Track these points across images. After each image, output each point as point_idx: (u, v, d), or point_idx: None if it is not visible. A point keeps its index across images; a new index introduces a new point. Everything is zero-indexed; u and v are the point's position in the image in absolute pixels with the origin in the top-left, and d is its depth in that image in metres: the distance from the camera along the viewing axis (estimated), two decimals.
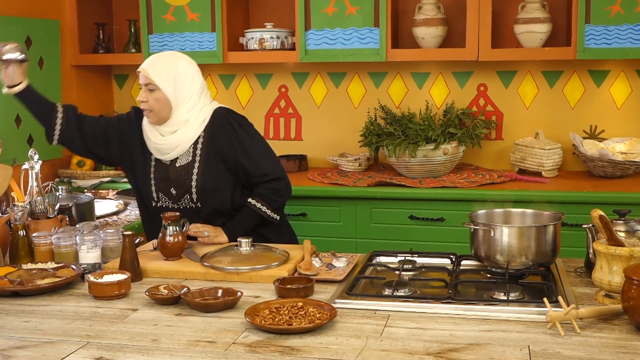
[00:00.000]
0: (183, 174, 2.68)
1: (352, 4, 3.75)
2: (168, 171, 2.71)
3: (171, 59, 2.71)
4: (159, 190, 2.72)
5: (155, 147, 2.71)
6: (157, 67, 2.65)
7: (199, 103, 2.70)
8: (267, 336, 1.79)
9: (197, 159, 2.69)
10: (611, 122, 3.91)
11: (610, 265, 1.95)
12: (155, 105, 2.65)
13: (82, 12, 4.10)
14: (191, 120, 2.68)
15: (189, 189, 2.69)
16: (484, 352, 1.68)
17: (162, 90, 2.64)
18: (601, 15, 3.50)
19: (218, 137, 2.69)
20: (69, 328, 1.87)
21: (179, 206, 2.71)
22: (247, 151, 2.70)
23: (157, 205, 2.74)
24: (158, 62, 2.67)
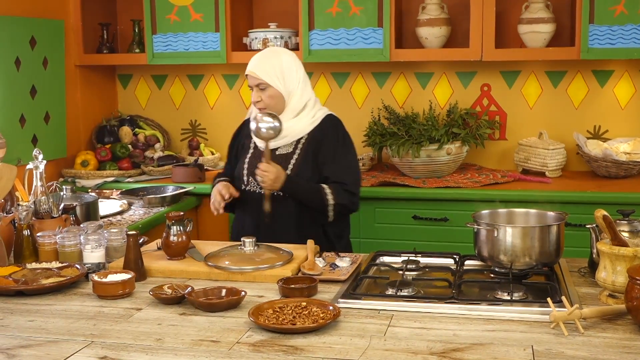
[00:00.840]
0: (281, 162, 2.76)
1: (355, 4, 3.75)
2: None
3: (273, 54, 2.85)
4: (250, 174, 2.80)
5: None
6: (263, 66, 2.78)
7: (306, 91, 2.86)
8: (270, 336, 1.79)
9: (297, 152, 2.80)
10: (615, 122, 3.91)
11: (614, 266, 1.95)
12: (270, 102, 2.79)
13: (86, 12, 4.10)
14: (303, 115, 2.82)
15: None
16: (488, 351, 1.68)
17: (273, 86, 2.77)
18: (605, 15, 3.50)
19: (321, 139, 2.80)
20: (73, 327, 1.88)
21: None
22: (336, 161, 2.80)
23: (245, 188, 2.83)
24: (263, 61, 2.81)
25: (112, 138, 4.22)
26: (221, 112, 4.36)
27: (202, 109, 4.39)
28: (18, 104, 3.62)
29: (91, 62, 4.15)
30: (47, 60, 3.82)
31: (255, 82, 2.78)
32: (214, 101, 4.36)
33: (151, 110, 4.45)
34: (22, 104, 3.65)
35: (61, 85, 3.95)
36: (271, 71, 2.78)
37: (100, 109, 4.33)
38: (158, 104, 4.44)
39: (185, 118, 4.43)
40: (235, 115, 4.33)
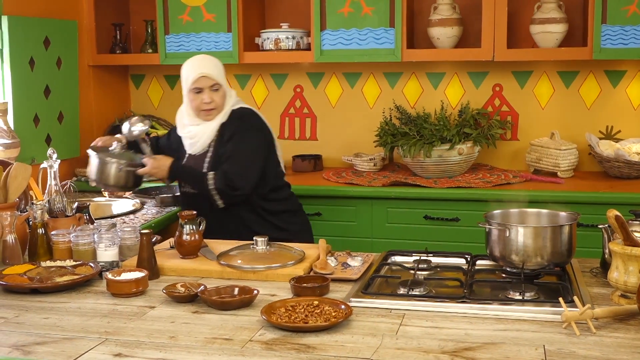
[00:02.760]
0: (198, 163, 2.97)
1: (367, 4, 3.76)
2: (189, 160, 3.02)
3: (210, 57, 3.05)
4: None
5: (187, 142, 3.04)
6: (214, 68, 2.96)
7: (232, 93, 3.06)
8: (283, 334, 1.80)
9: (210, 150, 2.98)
10: (627, 123, 3.89)
11: (626, 266, 1.95)
12: (221, 102, 2.97)
13: (100, 13, 4.13)
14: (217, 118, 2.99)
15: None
16: (499, 351, 1.69)
17: (222, 85, 2.96)
18: (618, 15, 3.49)
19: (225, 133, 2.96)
20: (87, 325, 1.90)
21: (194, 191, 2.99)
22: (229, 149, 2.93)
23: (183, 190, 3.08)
24: (211, 62, 2.99)
25: None
26: None
27: None
28: (32, 103, 3.65)
29: (104, 62, 4.18)
30: (61, 60, 3.85)
31: (210, 83, 2.92)
32: None
33: (163, 110, 4.47)
34: (36, 103, 3.68)
35: (75, 85, 3.98)
36: (220, 72, 2.98)
37: (113, 109, 4.35)
38: (170, 104, 4.46)
39: None
40: None
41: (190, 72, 2.95)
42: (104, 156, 2.97)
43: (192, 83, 2.92)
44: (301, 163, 4.07)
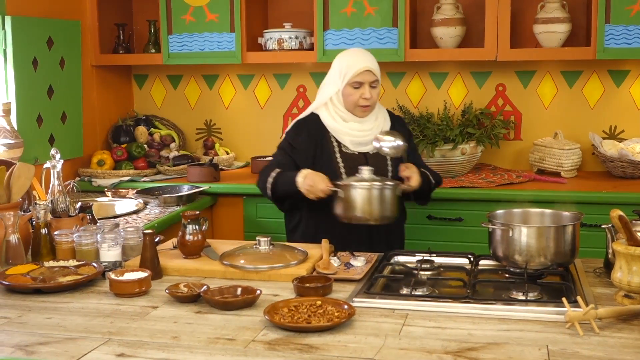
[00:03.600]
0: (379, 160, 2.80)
1: (370, 4, 3.75)
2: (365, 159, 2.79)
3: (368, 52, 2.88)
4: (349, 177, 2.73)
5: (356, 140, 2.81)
6: (374, 64, 2.81)
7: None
8: (286, 334, 1.80)
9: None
10: (631, 123, 3.89)
11: (630, 266, 1.94)
12: (376, 99, 2.85)
13: (103, 13, 4.13)
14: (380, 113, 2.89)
15: (385, 174, 2.80)
16: (503, 351, 1.68)
17: (379, 81, 2.83)
18: (621, 14, 3.49)
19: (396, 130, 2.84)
20: (90, 325, 1.90)
21: None
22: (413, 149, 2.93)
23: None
24: (372, 57, 2.83)
25: (128, 138, 4.25)
26: (236, 112, 4.38)
27: (217, 109, 4.41)
28: (35, 103, 3.65)
29: (107, 62, 4.18)
30: (64, 60, 3.85)
31: (372, 78, 2.77)
32: (229, 101, 4.38)
33: (166, 110, 4.47)
34: (39, 103, 3.68)
35: (78, 85, 3.98)
36: (378, 68, 2.82)
37: (116, 109, 4.36)
38: (173, 104, 4.47)
39: (201, 118, 4.44)
40: (250, 115, 4.35)
41: (353, 64, 2.77)
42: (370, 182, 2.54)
43: (355, 76, 2.75)
44: None
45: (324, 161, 2.80)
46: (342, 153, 2.81)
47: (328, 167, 2.76)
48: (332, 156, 2.80)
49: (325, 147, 2.82)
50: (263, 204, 3.73)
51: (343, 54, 2.88)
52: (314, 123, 2.85)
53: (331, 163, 2.79)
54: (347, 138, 2.81)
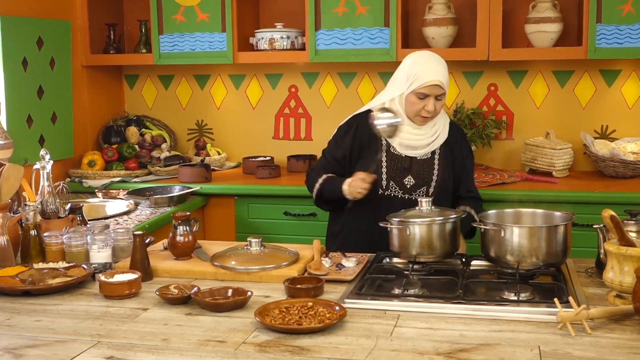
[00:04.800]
0: (425, 167, 2.76)
1: (362, 3, 3.75)
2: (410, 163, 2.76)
3: (441, 61, 2.74)
4: (390, 178, 2.75)
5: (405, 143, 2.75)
6: (446, 77, 2.71)
7: None
8: (277, 336, 1.79)
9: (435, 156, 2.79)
10: (622, 122, 3.89)
11: (622, 266, 1.94)
12: (440, 110, 2.75)
13: (93, 13, 4.11)
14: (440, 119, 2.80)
15: (429, 182, 2.76)
16: (494, 352, 1.68)
17: (446, 93, 2.73)
18: (612, 14, 3.49)
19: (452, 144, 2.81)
20: (79, 327, 1.88)
21: (410, 197, 2.74)
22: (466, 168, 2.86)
23: (384, 193, 2.75)
24: (445, 70, 2.71)
25: (119, 138, 4.23)
26: (227, 112, 4.37)
27: (208, 109, 4.40)
28: (25, 104, 3.63)
29: (98, 62, 4.16)
30: (54, 60, 3.83)
31: (438, 92, 2.67)
32: (221, 101, 4.37)
33: (158, 110, 4.45)
34: (29, 104, 3.66)
35: (68, 85, 3.96)
36: (448, 79, 2.73)
37: (107, 109, 4.33)
38: (164, 104, 4.45)
39: (192, 118, 4.43)
40: (242, 116, 4.34)
41: (423, 75, 2.66)
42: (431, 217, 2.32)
43: (422, 87, 2.65)
44: (296, 163, 4.06)
45: (368, 159, 2.76)
46: (389, 153, 2.76)
47: (370, 166, 2.73)
48: (377, 154, 2.75)
49: (373, 145, 2.77)
50: (254, 204, 3.72)
51: (416, 59, 2.74)
52: (367, 119, 2.76)
53: (375, 162, 2.74)
54: (396, 139, 2.74)
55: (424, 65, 2.69)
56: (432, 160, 2.77)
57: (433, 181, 2.75)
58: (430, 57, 2.75)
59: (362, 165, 2.77)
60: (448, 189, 2.79)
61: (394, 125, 2.64)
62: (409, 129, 2.74)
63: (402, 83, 2.72)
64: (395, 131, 2.65)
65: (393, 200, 2.73)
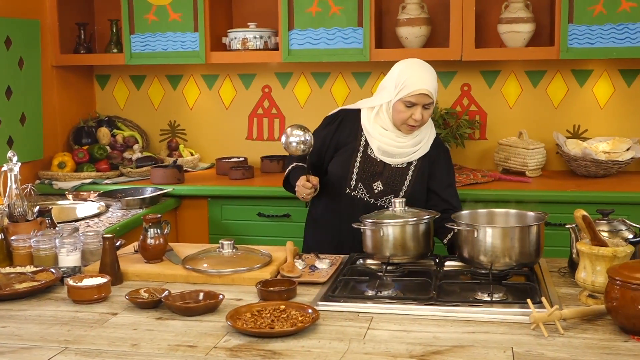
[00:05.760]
0: (397, 176, 2.72)
1: (335, 3, 3.73)
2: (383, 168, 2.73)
3: (429, 69, 2.70)
4: (360, 180, 2.73)
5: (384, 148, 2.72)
6: (434, 85, 2.67)
7: None
8: (248, 340, 1.76)
9: (411, 167, 2.74)
10: (594, 122, 3.92)
11: (594, 266, 1.94)
12: (427, 119, 2.71)
13: (63, 12, 4.05)
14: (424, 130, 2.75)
15: (397, 191, 2.71)
16: (468, 354, 1.67)
17: (434, 102, 2.69)
18: (584, 15, 3.51)
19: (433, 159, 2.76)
20: (47, 333, 1.84)
21: (375, 202, 2.72)
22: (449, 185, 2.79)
23: (351, 194, 2.74)
24: (433, 78, 2.67)
25: (90, 139, 4.17)
26: (200, 112, 4.33)
27: (181, 110, 4.35)
28: None
29: (68, 62, 4.10)
30: (23, 60, 3.77)
31: (426, 101, 2.63)
32: (193, 102, 4.33)
33: (129, 111, 4.40)
34: None
35: (37, 86, 3.90)
36: (436, 88, 2.68)
37: (78, 110, 4.27)
38: (136, 105, 4.40)
39: (164, 119, 4.38)
40: (215, 116, 4.30)
41: (411, 83, 2.62)
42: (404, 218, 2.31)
43: (410, 95, 2.61)
44: (270, 164, 4.04)
45: (344, 157, 2.76)
46: (365, 155, 2.74)
47: (345, 163, 2.74)
48: (353, 153, 2.75)
49: (352, 144, 2.76)
50: (228, 205, 3.69)
51: (405, 67, 2.70)
52: (354, 117, 2.79)
53: (350, 159, 2.74)
54: (375, 142, 2.72)
55: (413, 74, 2.65)
56: (407, 170, 2.74)
57: (402, 191, 2.71)
58: (420, 65, 2.71)
59: (336, 163, 2.77)
60: (417, 202, 2.67)
61: (304, 143, 2.58)
62: (391, 135, 2.71)
63: (391, 90, 2.69)
64: (309, 149, 2.59)
65: (358, 202, 2.72)
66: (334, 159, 2.80)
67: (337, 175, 2.76)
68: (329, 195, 2.78)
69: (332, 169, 2.79)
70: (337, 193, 2.75)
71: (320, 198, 2.80)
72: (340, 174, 2.75)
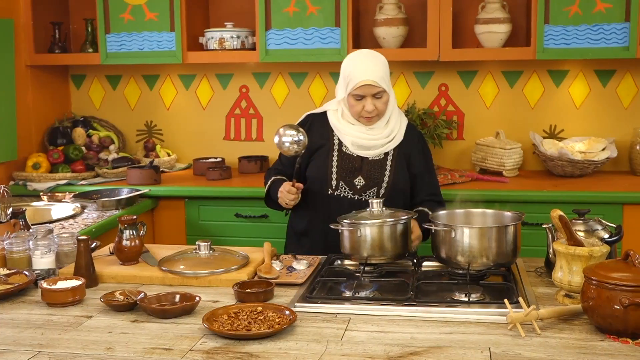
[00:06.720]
0: (377, 168, 2.71)
1: (313, 3, 3.72)
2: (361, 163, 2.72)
3: (375, 56, 2.69)
4: (341, 179, 2.71)
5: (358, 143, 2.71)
6: (378, 72, 2.62)
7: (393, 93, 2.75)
8: (225, 342, 1.75)
9: (388, 158, 2.73)
10: (570, 122, 3.94)
11: (570, 265, 1.95)
12: (384, 109, 2.67)
13: (37, 11, 4.00)
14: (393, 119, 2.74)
15: (379, 183, 2.70)
16: (445, 355, 1.67)
17: (387, 91, 2.65)
18: (560, 15, 3.53)
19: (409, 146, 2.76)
20: (20, 337, 1.82)
21: (360, 198, 2.69)
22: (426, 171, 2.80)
23: (333, 193, 2.72)
24: (376, 66, 2.64)
25: (65, 140, 4.12)
26: (177, 113, 4.30)
27: (157, 110, 4.32)
28: None
29: (43, 62, 4.05)
30: None
31: (374, 91, 2.61)
32: (170, 102, 4.30)
33: (105, 111, 4.36)
34: None
35: (11, 85, 3.84)
36: (385, 76, 2.64)
37: (53, 110, 4.22)
38: (112, 105, 4.36)
39: (141, 119, 4.35)
40: (192, 116, 4.28)
41: (354, 76, 2.62)
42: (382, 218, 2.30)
43: (356, 88, 2.60)
44: (247, 164, 4.02)
45: (320, 159, 2.75)
46: (340, 152, 2.73)
47: (322, 165, 2.73)
48: (329, 154, 2.74)
49: (326, 145, 2.75)
50: (205, 206, 3.67)
51: (349, 60, 2.70)
52: (322, 119, 2.79)
53: (327, 160, 2.73)
54: (348, 138, 2.72)
55: (355, 66, 2.65)
56: (385, 161, 2.74)
57: (384, 182, 2.72)
58: (362, 56, 2.71)
59: (314, 167, 2.75)
60: (401, 191, 2.74)
61: (298, 143, 2.55)
62: (362, 129, 2.72)
63: (342, 87, 2.71)
64: (302, 149, 2.56)
65: (342, 200, 2.70)
66: (310, 163, 2.77)
67: (317, 179, 2.74)
68: (312, 201, 2.74)
69: (310, 174, 2.77)
70: (320, 197, 2.73)
71: (304, 210, 2.77)
72: (320, 177, 2.74)
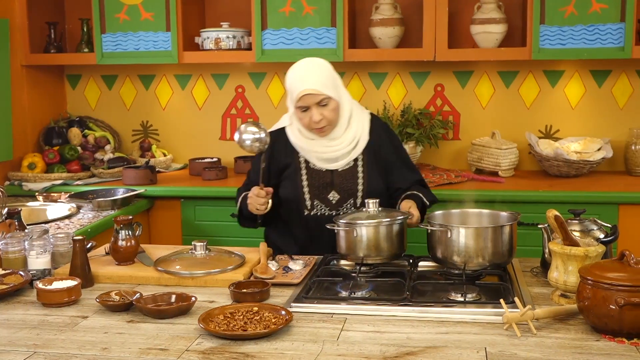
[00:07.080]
0: (348, 178, 2.63)
1: (309, 3, 3.72)
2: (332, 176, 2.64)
3: (317, 64, 2.60)
4: (315, 197, 2.63)
5: (323, 157, 2.62)
6: (320, 79, 2.53)
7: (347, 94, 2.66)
8: (221, 342, 1.75)
9: (358, 164, 2.65)
10: (566, 122, 3.95)
11: (566, 265, 1.95)
12: (333, 117, 2.56)
13: (33, 11, 3.99)
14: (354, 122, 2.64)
15: (354, 193, 2.63)
16: (441, 355, 1.67)
17: (333, 98, 2.54)
18: (556, 16, 3.54)
19: (376, 145, 2.67)
20: (15, 337, 1.81)
21: (338, 213, 2.60)
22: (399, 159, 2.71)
23: (309, 214, 2.64)
24: (314, 74, 2.55)
25: (61, 140, 4.12)
26: (173, 112, 4.29)
27: (153, 110, 4.31)
28: None
29: (38, 62, 4.04)
30: None
31: (317, 99, 2.50)
32: (166, 102, 4.29)
33: (101, 111, 4.35)
34: None
35: (6, 85, 3.84)
36: (327, 82, 2.53)
37: (49, 110, 4.21)
38: (108, 105, 4.35)
39: (137, 119, 4.34)
40: (188, 116, 4.27)
41: (294, 88, 2.53)
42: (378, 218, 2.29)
43: (297, 101, 2.52)
44: (243, 164, 4.01)
45: (291, 178, 2.66)
46: (309, 170, 2.64)
47: (293, 186, 2.64)
48: (297, 173, 2.65)
49: (293, 164, 2.67)
50: (201, 206, 3.67)
51: (290, 71, 2.61)
52: (282, 136, 2.68)
53: (296, 180, 2.65)
54: (312, 155, 2.63)
55: (293, 78, 2.57)
56: (355, 168, 2.64)
57: (359, 191, 2.63)
58: (300, 66, 2.61)
59: (286, 188, 2.66)
60: (378, 194, 2.58)
61: (260, 140, 2.47)
62: (323, 142, 2.61)
63: (289, 100, 2.63)
64: (265, 146, 2.48)
65: (320, 219, 2.60)
66: (281, 184, 2.68)
67: (291, 200, 2.65)
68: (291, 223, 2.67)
69: (284, 195, 2.66)
70: (297, 218, 2.65)
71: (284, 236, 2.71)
72: (293, 198, 2.64)
